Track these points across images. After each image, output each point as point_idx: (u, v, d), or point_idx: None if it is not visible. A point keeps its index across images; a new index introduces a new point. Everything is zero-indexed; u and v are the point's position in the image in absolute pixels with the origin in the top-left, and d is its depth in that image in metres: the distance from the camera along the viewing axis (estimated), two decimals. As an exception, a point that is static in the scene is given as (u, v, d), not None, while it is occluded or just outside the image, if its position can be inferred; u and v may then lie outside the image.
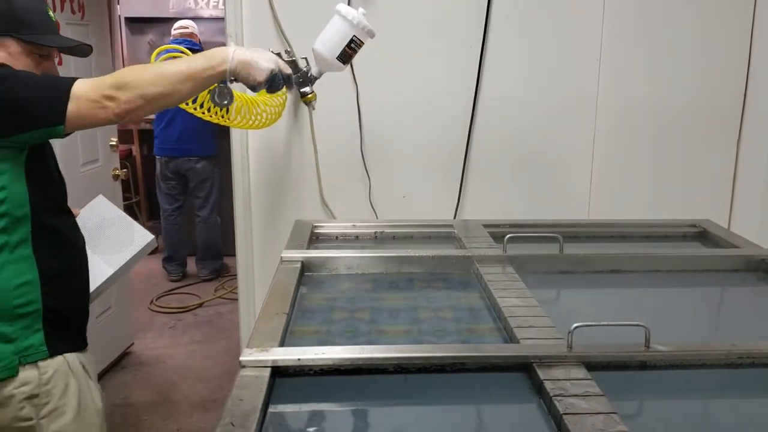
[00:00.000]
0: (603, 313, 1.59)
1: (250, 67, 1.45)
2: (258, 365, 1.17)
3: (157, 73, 1.41)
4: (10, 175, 1.39)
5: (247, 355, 1.19)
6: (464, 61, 2.63)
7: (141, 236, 1.83)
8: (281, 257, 1.75)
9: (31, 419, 1.40)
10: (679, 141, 2.75)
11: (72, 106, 1.35)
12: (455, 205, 2.71)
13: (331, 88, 2.63)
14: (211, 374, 3.51)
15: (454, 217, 2.70)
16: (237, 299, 2.87)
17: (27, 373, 1.40)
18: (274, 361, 1.18)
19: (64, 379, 1.47)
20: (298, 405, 1.14)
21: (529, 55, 2.65)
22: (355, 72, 2.59)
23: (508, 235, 1.79)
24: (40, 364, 1.45)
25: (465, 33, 2.61)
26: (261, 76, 1.47)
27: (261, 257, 2.73)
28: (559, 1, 2.61)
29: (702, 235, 2.15)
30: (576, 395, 1.08)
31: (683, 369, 1.23)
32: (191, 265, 5.00)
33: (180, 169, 4.67)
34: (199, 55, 1.49)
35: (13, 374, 1.39)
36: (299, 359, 1.19)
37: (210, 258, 4.90)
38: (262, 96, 2.04)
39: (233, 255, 2.82)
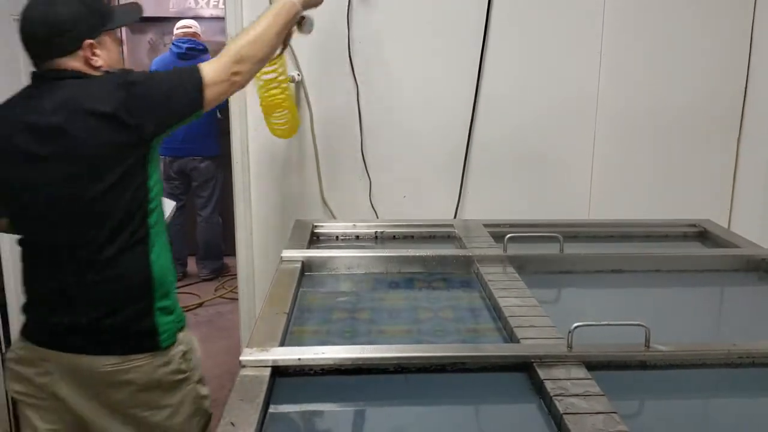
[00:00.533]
0: (603, 312, 1.59)
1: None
2: (258, 365, 1.17)
3: (259, 38, 1.63)
4: (156, 173, 1.57)
5: (248, 355, 1.19)
6: (464, 60, 2.63)
7: (167, 205, 1.86)
8: (281, 257, 1.75)
9: (185, 372, 1.61)
10: (679, 141, 2.75)
11: (208, 93, 1.53)
12: (455, 204, 2.71)
13: (331, 88, 2.64)
14: (212, 374, 3.51)
15: (455, 217, 2.70)
16: (237, 299, 2.87)
17: (179, 336, 1.62)
18: (274, 360, 1.18)
19: (189, 338, 1.68)
20: (298, 405, 1.14)
21: (529, 54, 2.65)
22: (355, 72, 2.59)
23: (508, 235, 1.79)
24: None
25: (465, 33, 2.61)
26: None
27: (261, 257, 2.73)
28: (560, 1, 2.61)
29: (702, 235, 2.15)
30: (576, 395, 1.08)
31: (683, 369, 1.23)
32: (191, 264, 5.00)
33: (184, 168, 4.67)
34: (274, 10, 1.70)
35: (175, 340, 1.60)
36: (299, 359, 1.20)
37: (211, 258, 4.90)
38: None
39: (233, 255, 2.82)
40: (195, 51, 4.55)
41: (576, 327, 1.20)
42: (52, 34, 1.50)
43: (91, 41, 1.53)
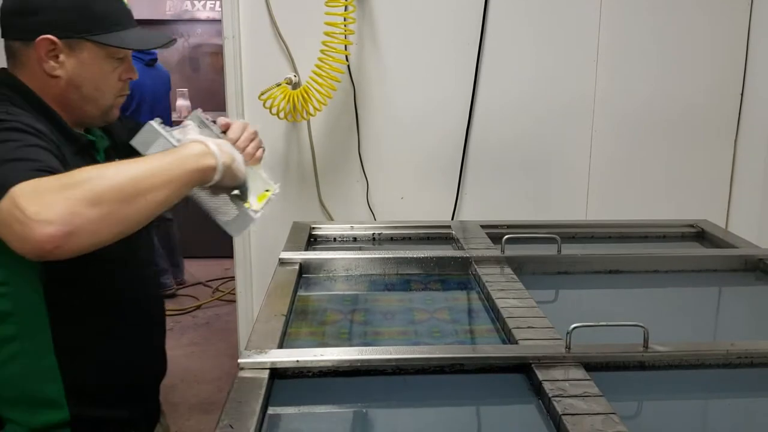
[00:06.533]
0: (601, 313, 1.59)
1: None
2: (256, 367, 1.17)
3: (133, 187, 1.11)
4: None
5: (246, 357, 1.19)
6: (462, 61, 2.63)
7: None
8: (279, 259, 1.75)
9: None
10: (677, 141, 2.75)
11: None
12: (453, 206, 2.71)
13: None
14: (210, 376, 3.51)
15: (452, 218, 2.70)
16: (235, 301, 2.87)
17: None
18: (272, 362, 1.18)
19: None
20: (296, 407, 1.14)
21: (526, 56, 2.65)
22: (352, 74, 2.59)
23: (506, 236, 1.79)
24: None
25: (462, 34, 2.61)
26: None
27: (259, 259, 2.73)
28: (557, 3, 2.62)
29: (700, 235, 2.15)
30: (575, 396, 1.08)
31: (682, 369, 1.23)
32: (189, 265, 5.00)
33: None
34: (170, 155, 1.17)
35: None
36: (298, 361, 1.19)
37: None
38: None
39: (231, 257, 2.82)
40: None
41: (574, 328, 1.20)
42: (17, 4, 1.23)
43: (51, 38, 1.21)
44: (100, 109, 1.32)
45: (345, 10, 2.40)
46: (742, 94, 2.72)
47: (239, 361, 1.18)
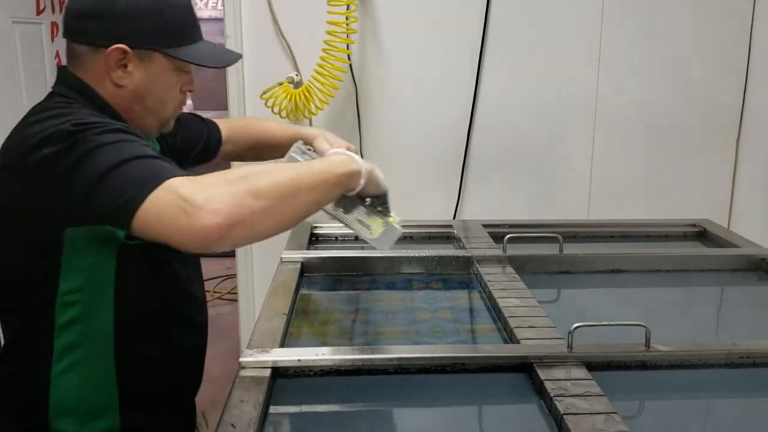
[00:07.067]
0: (603, 312, 1.59)
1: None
2: (258, 366, 1.17)
3: (288, 188, 1.14)
4: (80, 279, 1.21)
5: (247, 356, 1.19)
6: (463, 60, 2.63)
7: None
8: (281, 258, 1.75)
9: None
10: (679, 140, 2.75)
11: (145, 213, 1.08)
12: (455, 205, 2.71)
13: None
14: (211, 375, 3.49)
15: (454, 218, 2.70)
16: (237, 300, 2.87)
17: None
18: (274, 362, 1.18)
19: None
20: (298, 406, 1.14)
21: (528, 55, 2.65)
22: (354, 73, 2.59)
23: (507, 236, 1.79)
24: None
25: (464, 33, 2.61)
26: None
27: (260, 258, 2.73)
28: (559, 2, 2.61)
29: (702, 234, 2.15)
30: (576, 395, 1.07)
31: (684, 369, 1.23)
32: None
33: None
34: (318, 165, 1.23)
35: None
36: (299, 360, 1.19)
37: None
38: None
39: (232, 256, 2.82)
40: None
41: (576, 327, 1.20)
42: (83, 4, 1.20)
43: (124, 48, 1.19)
44: (160, 121, 1.31)
45: (347, 8, 2.40)
46: (744, 93, 2.71)
47: (241, 359, 1.18)
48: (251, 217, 1.01)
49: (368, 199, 1.37)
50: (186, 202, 0.98)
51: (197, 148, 1.65)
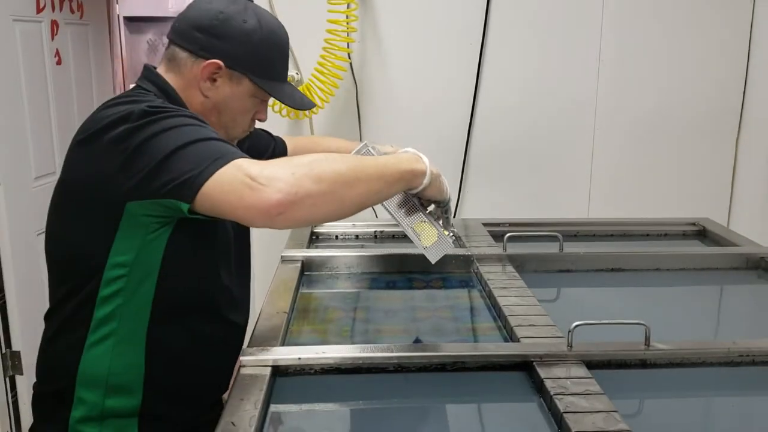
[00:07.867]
0: (603, 311, 1.60)
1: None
2: (258, 364, 1.17)
3: (353, 175, 1.20)
4: (134, 252, 1.26)
5: (248, 355, 1.19)
6: (464, 60, 2.63)
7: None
8: (281, 256, 1.75)
9: None
10: (679, 139, 2.75)
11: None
12: (455, 204, 2.71)
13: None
14: (211, 373, 3.51)
15: (454, 216, 2.70)
16: (237, 298, 2.87)
17: None
18: (274, 360, 1.18)
19: None
20: (298, 404, 1.14)
21: (528, 55, 2.65)
22: (354, 72, 2.59)
23: (507, 234, 1.79)
24: None
25: (464, 33, 2.61)
26: None
27: (261, 256, 2.73)
28: (559, 2, 2.61)
29: (701, 233, 2.15)
30: (576, 394, 1.08)
31: (683, 367, 1.23)
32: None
33: None
34: (384, 159, 1.29)
35: None
36: (300, 358, 1.20)
37: None
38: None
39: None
40: None
41: (576, 326, 1.20)
42: (201, 19, 1.29)
43: (220, 63, 1.28)
44: (227, 137, 1.33)
45: (347, 7, 2.40)
46: (744, 92, 2.71)
47: (241, 358, 1.18)
48: (309, 199, 1.08)
49: (431, 207, 1.38)
50: (252, 179, 1.06)
51: (263, 157, 1.65)
